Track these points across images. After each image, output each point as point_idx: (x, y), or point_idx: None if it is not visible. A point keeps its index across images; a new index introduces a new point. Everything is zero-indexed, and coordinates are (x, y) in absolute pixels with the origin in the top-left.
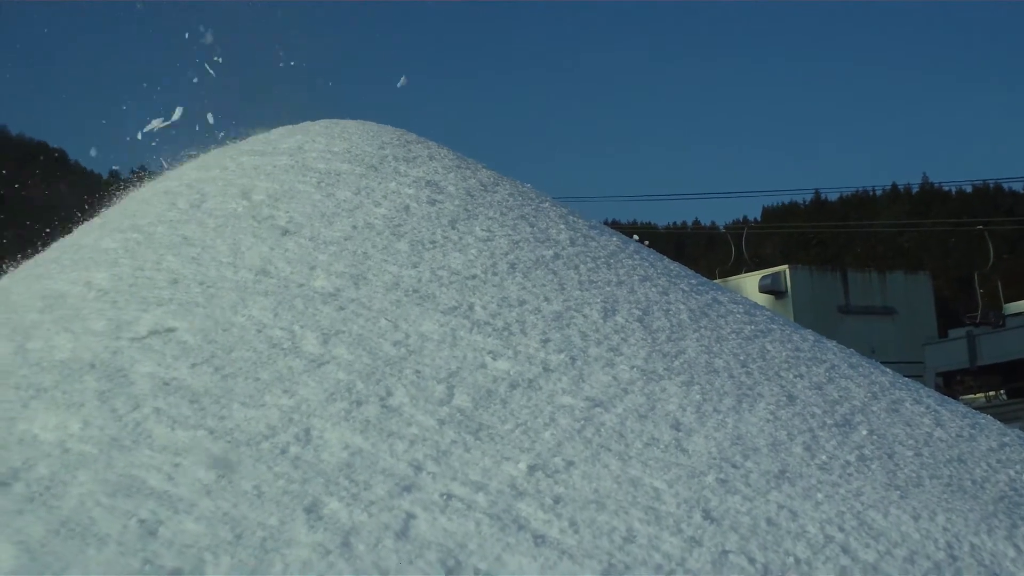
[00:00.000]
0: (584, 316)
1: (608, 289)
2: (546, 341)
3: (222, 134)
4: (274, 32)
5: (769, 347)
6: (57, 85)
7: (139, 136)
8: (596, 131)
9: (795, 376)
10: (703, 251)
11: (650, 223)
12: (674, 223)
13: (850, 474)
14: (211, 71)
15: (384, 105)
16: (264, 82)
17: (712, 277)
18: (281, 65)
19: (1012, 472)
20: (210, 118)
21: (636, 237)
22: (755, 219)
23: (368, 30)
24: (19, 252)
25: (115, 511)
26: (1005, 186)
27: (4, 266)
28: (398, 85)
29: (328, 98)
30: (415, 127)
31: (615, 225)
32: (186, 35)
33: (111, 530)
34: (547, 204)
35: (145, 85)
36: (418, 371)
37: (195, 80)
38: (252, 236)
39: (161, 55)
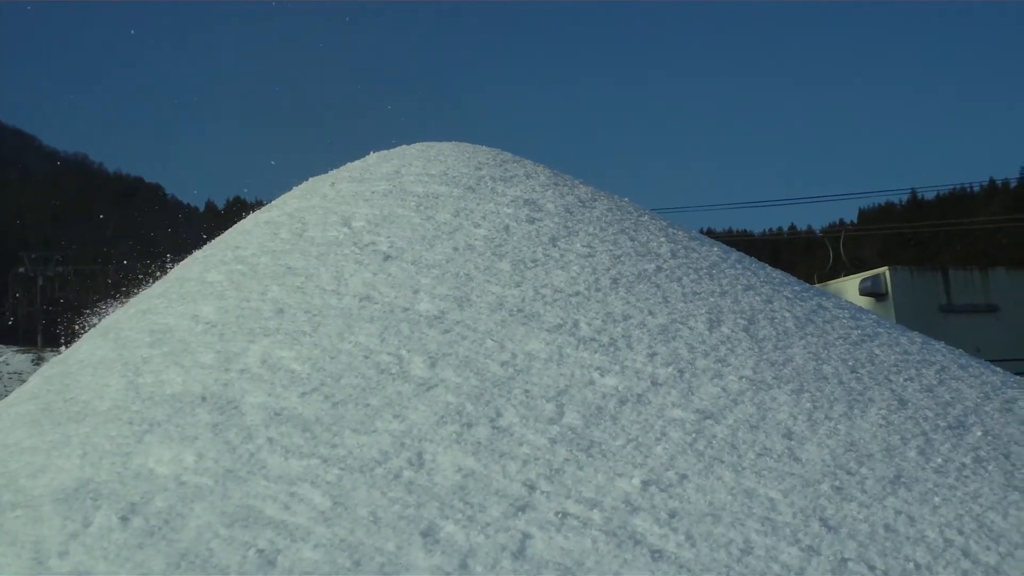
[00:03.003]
0: (690, 328)
1: (712, 300)
2: (653, 355)
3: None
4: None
5: (877, 351)
6: (148, 121)
7: None
8: (687, 141)
9: (905, 379)
10: (801, 256)
11: (746, 230)
12: (770, 229)
13: (966, 476)
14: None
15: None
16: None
17: (811, 282)
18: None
19: None
20: None
21: None
22: (851, 222)
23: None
24: (126, 288)
25: (233, 542)
26: None
27: (112, 302)
28: None
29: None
30: (509, 146)
31: (711, 234)
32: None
33: (230, 561)
34: (646, 217)
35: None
36: (527, 391)
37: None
38: (355, 263)
39: (249, 86)
